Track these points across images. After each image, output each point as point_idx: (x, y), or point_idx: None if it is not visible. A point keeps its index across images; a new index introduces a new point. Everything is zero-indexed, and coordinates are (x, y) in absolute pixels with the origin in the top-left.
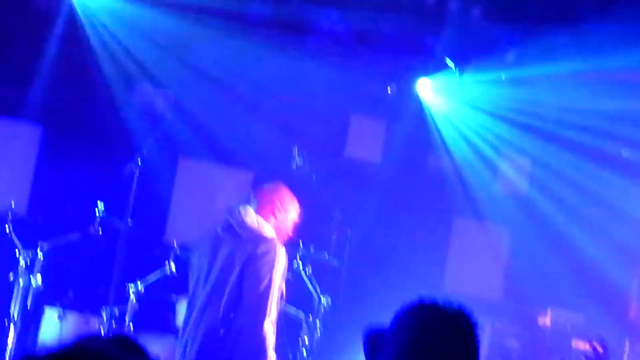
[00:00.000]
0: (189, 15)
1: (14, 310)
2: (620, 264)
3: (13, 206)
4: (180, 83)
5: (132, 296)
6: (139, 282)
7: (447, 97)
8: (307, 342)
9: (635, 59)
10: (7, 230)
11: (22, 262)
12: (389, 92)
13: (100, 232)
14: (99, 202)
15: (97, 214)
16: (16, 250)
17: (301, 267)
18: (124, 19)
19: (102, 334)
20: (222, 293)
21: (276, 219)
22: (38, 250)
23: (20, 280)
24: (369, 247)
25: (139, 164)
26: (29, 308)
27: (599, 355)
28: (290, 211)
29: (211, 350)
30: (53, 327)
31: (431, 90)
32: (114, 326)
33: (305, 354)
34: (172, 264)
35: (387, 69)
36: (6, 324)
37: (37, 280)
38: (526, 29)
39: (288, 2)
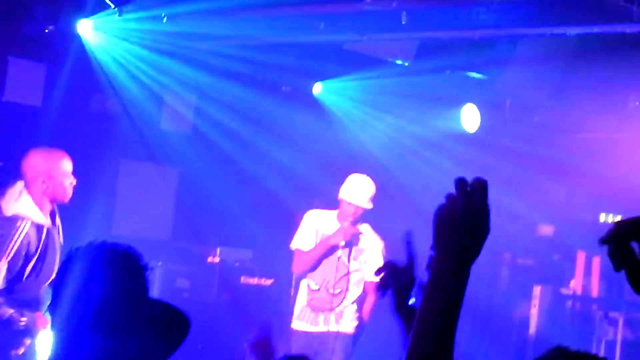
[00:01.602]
0: None
1: None
2: (283, 201)
3: None
4: None
5: None
6: None
7: (108, 36)
8: None
9: None
10: None
11: None
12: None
13: None
14: None
15: None
16: None
17: None
18: None
19: None
20: None
21: (43, 188)
22: None
23: None
24: None
25: None
26: None
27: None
28: (54, 171)
29: None
30: None
31: (92, 30)
32: None
33: None
34: None
35: (45, 9)
36: None
37: None
38: None
39: None
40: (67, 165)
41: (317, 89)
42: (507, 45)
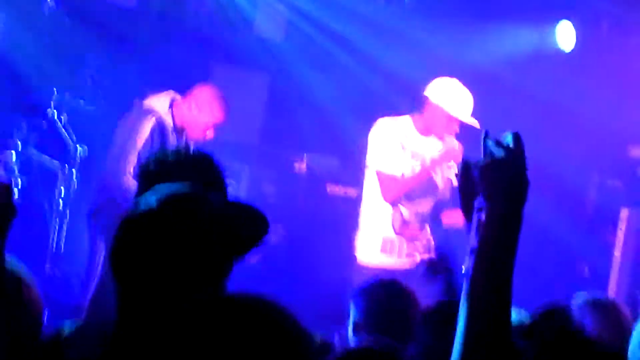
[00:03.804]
0: None
1: None
2: (374, 111)
3: None
4: None
5: None
6: None
7: None
8: (63, 193)
9: None
10: None
11: None
12: None
13: None
14: None
15: None
16: None
17: (56, 116)
18: None
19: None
20: None
21: (186, 112)
22: None
23: None
24: (124, 92)
25: None
26: None
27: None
28: (205, 112)
29: None
30: None
31: None
32: None
33: (61, 205)
34: None
35: None
36: None
37: None
38: None
39: None
40: (222, 115)
41: None
42: None
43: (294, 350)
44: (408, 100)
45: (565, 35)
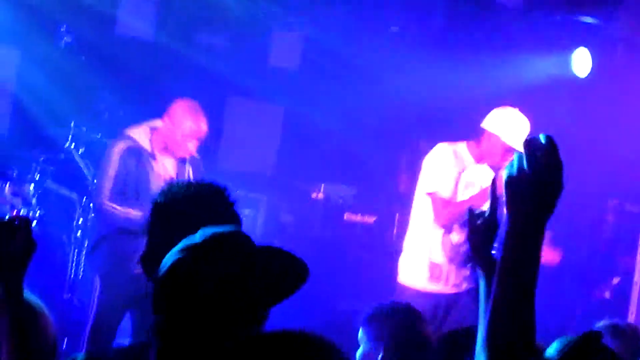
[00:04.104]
0: None
1: None
2: (389, 140)
3: None
4: None
5: None
6: None
7: None
8: (81, 223)
9: None
10: None
11: None
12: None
13: None
14: None
15: None
16: None
17: (73, 149)
18: None
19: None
20: None
21: (165, 132)
22: None
23: None
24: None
25: None
26: None
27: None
28: (180, 126)
29: None
30: None
31: None
32: None
33: (79, 235)
34: None
35: None
36: None
37: None
38: None
39: None
40: (198, 127)
41: None
42: None
43: None
44: (424, 129)
45: (581, 62)
